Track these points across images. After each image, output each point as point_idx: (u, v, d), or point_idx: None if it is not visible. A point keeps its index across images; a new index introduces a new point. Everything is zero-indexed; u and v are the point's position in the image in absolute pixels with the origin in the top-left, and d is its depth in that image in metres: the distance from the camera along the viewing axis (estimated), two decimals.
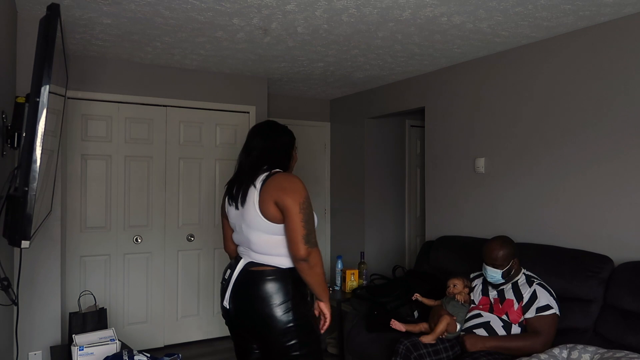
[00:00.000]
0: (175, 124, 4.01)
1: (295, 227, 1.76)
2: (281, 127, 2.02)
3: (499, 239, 2.64)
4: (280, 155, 1.95)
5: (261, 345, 1.87)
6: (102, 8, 2.66)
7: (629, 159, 2.67)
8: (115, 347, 2.16)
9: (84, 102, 3.64)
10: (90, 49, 3.47)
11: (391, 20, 2.80)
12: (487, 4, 2.55)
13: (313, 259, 1.79)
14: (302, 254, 1.76)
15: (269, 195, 1.79)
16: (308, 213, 1.78)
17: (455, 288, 2.66)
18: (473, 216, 3.62)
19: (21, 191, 1.59)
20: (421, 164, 5.14)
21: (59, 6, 1.64)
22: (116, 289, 3.77)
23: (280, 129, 2.00)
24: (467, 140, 3.69)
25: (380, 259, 4.91)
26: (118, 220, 3.78)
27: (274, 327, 1.78)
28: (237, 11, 2.69)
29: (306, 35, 3.09)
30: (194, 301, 4.09)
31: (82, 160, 3.65)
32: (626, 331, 2.36)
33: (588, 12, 2.64)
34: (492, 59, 3.48)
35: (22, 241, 1.62)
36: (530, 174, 3.19)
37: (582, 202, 2.89)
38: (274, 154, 1.93)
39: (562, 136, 3.00)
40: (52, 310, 3.08)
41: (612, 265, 2.58)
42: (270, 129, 1.99)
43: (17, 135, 1.95)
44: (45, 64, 1.57)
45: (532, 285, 2.54)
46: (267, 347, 1.83)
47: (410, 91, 4.29)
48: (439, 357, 2.48)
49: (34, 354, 3.01)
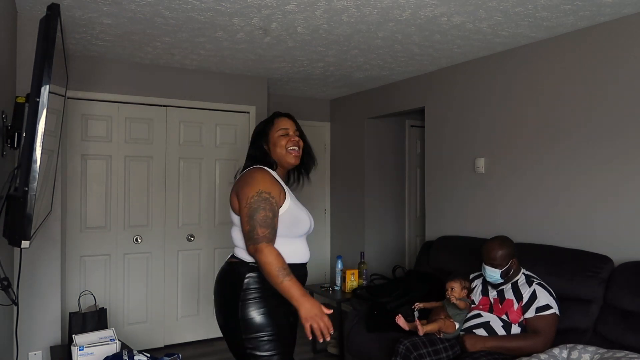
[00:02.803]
0: (175, 124, 4.01)
1: (242, 222, 1.80)
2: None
3: (497, 239, 2.65)
4: (254, 151, 1.96)
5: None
6: (102, 8, 2.66)
7: (629, 158, 2.67)
8: (115, 347, 2.16)
9: (84, 102, 3.64)
10: (90, 49, 3.47)
11: (391, 20, 2.80)
12: (487, 4, 2.55)
13: (259, 258, 1.71)
14: (249, 250, 1.76)
15: (234, 188, 1.88)
16: (255, 209, 1.73)
17: (454, 292, 2.65)
18: (473, 216, 3.62)
19: (21, 191, 1.59)
20: (421, 164, 5.13)
21: (59, 6, 1.64)
22: (116, 289, 3.77)
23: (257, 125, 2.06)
24: (467, 140, 3.69)
25: (380, 259, 4.90)
26: (118, 220, 3.78)
27: (222, 316, 1.84)
28: (237, 11, 2.69)
29: (306, 35, 3.09)
30: (194, 301, 4.09)
31: (82, 160, 3.65)
32: (626, 331, 2.36)
33: (588, 12, 2.64)
34: (492, 59, 3.48)
35: (22, 241, 1.62)
36: (530, 174, 3.19)
37: (582, 202, 2.89)
38: (250, 151, 1.98)
39: (563, 136, 3.00)
40: (52, 310, 3.08)
41: (612, 265, 2.58)
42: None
43: (17, 135, 1.95)
44: (45, 64, 1.57)
45: (532, 285, 2.54)
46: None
47: (410, 91, 4.29)
48: (438, 357, 2.48)
49: (34, 354, 3.01)
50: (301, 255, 1.89)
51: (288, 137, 1.93)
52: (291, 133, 1.94)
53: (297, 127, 1.99)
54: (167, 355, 2.09)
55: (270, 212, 1.75)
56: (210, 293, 4.14)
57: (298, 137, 1.96)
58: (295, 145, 1.93)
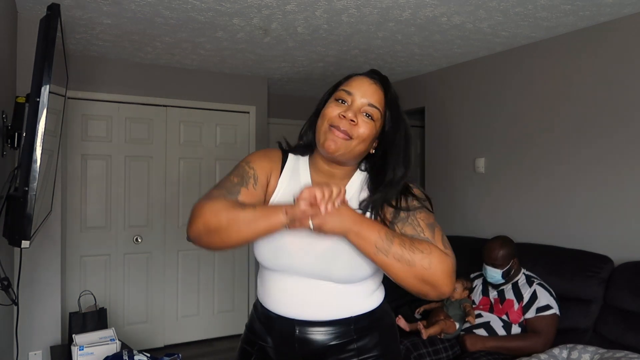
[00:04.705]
0: (175, 124, 4.01)
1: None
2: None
3: (498, 239, 2.65)
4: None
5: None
6: (102, 8, 2.66)
7: (628, 158, 2.67)
8: (115, 347, 2.16)
9: (84, 102, 3.64)
10: (91, 49, 3.47)
11: (391, 20, 2.80)
12: (487, 4, 2.54)
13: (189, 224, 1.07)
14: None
15: None
16: (230, 171, 1.23)
17: (456, 292, 2.65)
18: (473, 216, 3.62)
19: (21, 191, 1.59)
20: (421, 164, 5.13)
21: (59, 6, 1.64)
22: (116, 289, 3.77)
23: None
24: (467, 140, 3.69)
25: None
26: (118, 220, 3.78)
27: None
28: (237, 11, 2.69)
29: (306, 35, 3.09)
30: (194, 301, 4.09)
31: (82, 160, 3.65)
32: (626, 331, 2.36)
33: (588, 12, 2.64)
34: (492, 59, 3.48)
35: (22, 241, 1.62)
36: (530, 174, 3.19)
37: (582, 202, 2.89)
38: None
39: (563, 136, 3.00)
40: (52, 310, 3.08)
41: (612, 265, 2.58)
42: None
43: (17, 135, 1.95)
44: (45, 64, 1.57)
45: (532, 285, 2.55)
46: None
47: (410, 91, 4.28)
48: (439, 357, 2.48)
49: (34, 353, 3.01)
50: (271, 300, 1.19)
51: (344, 107, 1.12)
52: (356, 104, 1.11)
53: (379, 103, 1.12)
54: (167, 355, 2.09)
55: (238, 177, 1.16)
56: (210, 293, 4.15)
57: (369, 118, 1.11)
58: (345, 127, 1.09)
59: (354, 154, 1.13)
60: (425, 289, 1.03)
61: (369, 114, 1.11)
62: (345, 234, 1.02)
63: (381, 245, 1.00)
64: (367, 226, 1.02)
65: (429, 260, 1.01)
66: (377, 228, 1.03)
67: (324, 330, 1.14)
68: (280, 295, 1.17)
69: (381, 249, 1.01)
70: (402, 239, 1.03)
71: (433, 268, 1.01)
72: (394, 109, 1.15)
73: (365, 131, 1.10)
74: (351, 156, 1.13)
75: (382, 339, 1.19)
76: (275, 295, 1.17)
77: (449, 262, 1.04)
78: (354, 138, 1.10)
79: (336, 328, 1.14)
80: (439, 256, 1.03)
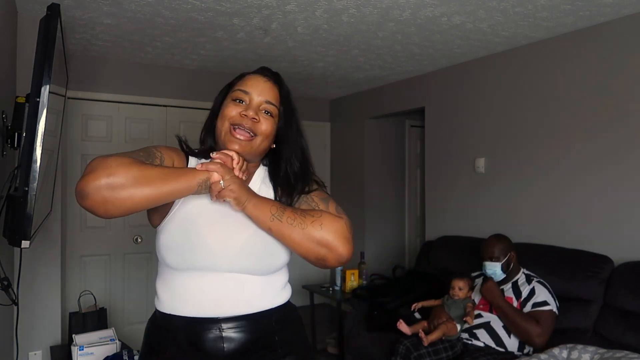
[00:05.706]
0: (175, 124, 4.01)
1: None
2: None
3: (493, 235, 2.76)
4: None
5: None
6: (102, 8, 2.66)
7: (628, 159, 2.67)
8: (115, 347, 2.16)
9: (84, 102, 3.64)
10: (90, 49, 3.47)
11: (391, 20, 2.80)
12: (487, 4, 2.54)
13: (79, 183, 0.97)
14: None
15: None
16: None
17: (461, 292, 2.64)
18: (473, 216, 3.62)
19: (21, 191, 1.59)
20: (421, 164, 5.13)
21: (59, 6, 1.63)
22: (116, 289, 3.77)
23: None
24: (467, 140, 3.69)
25: (380, 259, 4.90)
26: (118, 220, 3.78)
27: None
28: (237, 11, 2.69)
29: (306, 35, 3.09)
30: None
31: (82, 160, 3.65)
32: (626, 331, 2.36)
33: (588, 12, 2.64)
34: (492, 59, 3.48)
35: (22, 241, 1.62)
36: (530, 174, 3.19)
37: (582, 202, 2.89)
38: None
39: (563, 136, 3.00)
40: (52, 310, 3.08)
41: (612, 265, 2.58)
42: None
43: (17, 135, 1.95)
44: (45, 64, 1.57)
45: (532, 282, 2.57)
46: None
47: (410, 91, 4.28)
48: (438, 357, 2.48)
49: (34, 353, 3.01)
50: (189, 304, 1.13)
51: (243, 107, 1.16)
52: (254, 102, 1.16)
53: (275, 99, 1.19)
54: None
55: (144, 152, 1.09)
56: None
57: (268, 115, 1.17)
58: (248, 125, 1.14)
59: (259, 151, 1.19)
60: (322, 252, 1.09)
61: (267, 110, 1.18)
62: (245, 203, 1.07)
63: (275, 212, 1.08)
64: (263, 199, 1.11)
65: (320, 222, 1.09)
66: (272, 201, 1.11)
67: (249, 325, 1.13)
68: (202, 296, 1.11)
69: (276, 215, 1.07)
70: (294, 209, 1.12)
71: (325, 229, 1.08)
72: (287, 104, 1.22)
73: (268, 127, 1.17)
74: (256, 154, 1.18)
75: (297, 330, 1.26)
76: (194, 298, 1.12)
77: (341, 222, 1.11)
78: (259, 135, 1.16)
79: (259, 321, 1.15)
80: (330, 217, 1.10)
